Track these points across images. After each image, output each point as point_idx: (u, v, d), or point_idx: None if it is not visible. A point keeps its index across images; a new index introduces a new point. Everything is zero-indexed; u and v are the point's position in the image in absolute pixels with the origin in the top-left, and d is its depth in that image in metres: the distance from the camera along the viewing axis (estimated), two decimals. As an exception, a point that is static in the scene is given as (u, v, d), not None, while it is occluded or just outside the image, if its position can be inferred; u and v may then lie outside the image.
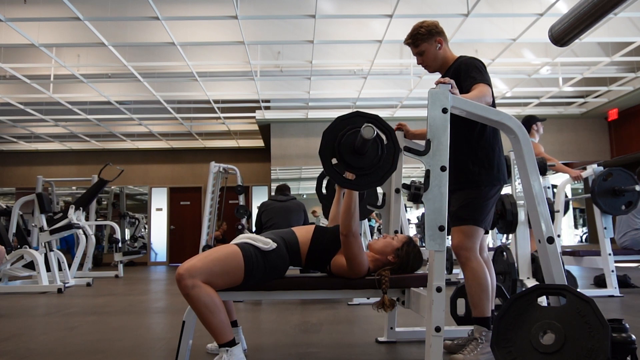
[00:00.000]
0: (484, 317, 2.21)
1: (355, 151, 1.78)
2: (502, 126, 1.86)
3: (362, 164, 1.79)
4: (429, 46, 2.38)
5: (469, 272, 2.24)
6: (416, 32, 2.39)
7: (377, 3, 5.63)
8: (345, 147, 1.79)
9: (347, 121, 1.83)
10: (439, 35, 2.39)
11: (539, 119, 4.71)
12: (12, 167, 12.04)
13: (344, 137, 1.80)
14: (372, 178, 1.82)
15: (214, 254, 2.00)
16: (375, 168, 1.80)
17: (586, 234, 11.87)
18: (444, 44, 2.40)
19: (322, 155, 1.81)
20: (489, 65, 7.08)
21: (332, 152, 1.80)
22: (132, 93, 8.35)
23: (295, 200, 4.99)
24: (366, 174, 1.80)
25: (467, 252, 2.24)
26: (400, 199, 2.72)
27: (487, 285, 2.22)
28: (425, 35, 2.37)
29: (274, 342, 2.79)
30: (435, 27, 2.39)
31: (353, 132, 1.79)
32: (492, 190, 2.29)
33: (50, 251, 5.91)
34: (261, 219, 4.85)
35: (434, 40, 2.38)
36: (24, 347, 2.71)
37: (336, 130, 1.82)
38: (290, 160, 9.87)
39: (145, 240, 12.01)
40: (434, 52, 2.39)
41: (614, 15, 5.50)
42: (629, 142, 9.26)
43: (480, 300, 2.21)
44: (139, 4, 5.33)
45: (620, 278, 4.61)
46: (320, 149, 1.81)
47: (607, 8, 3.58)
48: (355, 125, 1.80)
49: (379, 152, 1.79)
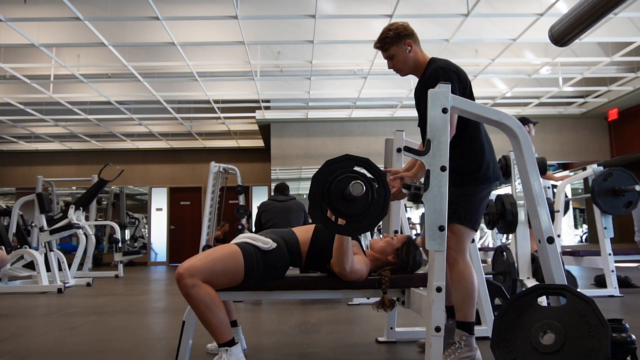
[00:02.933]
0: (466, 321, 2.10)
1: (345, 198, 1.76)
2: (502, 126, 1.86)
3: (352, 211, 1.77)
4: (398, 50, 2.28)
5: (455, 273, 2.13)
6: (384, 35, 2.30)
7: (377, 3, 5.63)
8: (334, 194, 1.76)
9: (336, 165, 1.79)
10: (409, 38, 2.28)
11: (531, 121, 4.70)
12: (12, 167, 12.04)
13: (333, 183, 1.76)
14: (362, 224, 1.80)
15: (214, 254, 2.00)
16: (365, 214, 1.78)
17: (586, 234, 11.87)
18: (414, 46, 2.29)
19: (312, 200, 1.79)
20: (489, 65, 7.10)
21: (322, 197, 1.78)
22: (132, 93, 8.35)
23: (295, 200, 4.98)
24: (356, 220, 1.79)
25: (455, 252, 2.13)
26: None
27: (472, 290, 2.12)
28: (394, 39, 2.27)
29: (273, 342, 2.79)
30: (405, 30, 2.28)
31: (343, 177, 1.76)
32: (482, 188, 2.20)
33: (50, 251, 5.91)
34: (261, 219, 4.83)
35: (403, 43, 2.27)
36: (24, 347, 2.71)
37: (325, 174, 1.78)
38: (290, 160, 9.87)
39: (145, 240, 12.01)
40: (404, 55, 2.29)
41: (614, 15, 5.50)
42: (629, 142, 9.26)
43: (464, 303, 2.11)
44: (139, 4, 5.32)
45: (621, 278, 4.61)
46: (310, 194, 1.79)
47: (607, 8, 3.58)
48: (344, 169, 1.78)
49: (369, 198, 1.77)
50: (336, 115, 9.62)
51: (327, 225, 1.84)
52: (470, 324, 2.10)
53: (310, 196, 1.79)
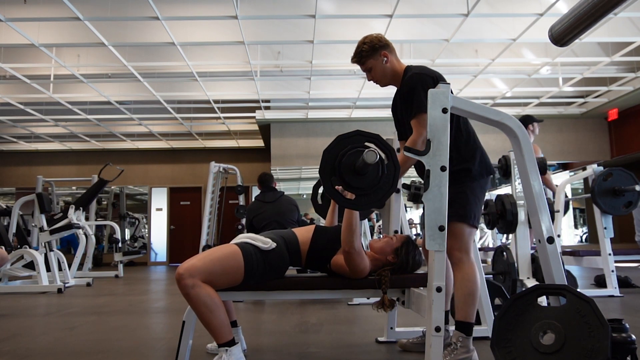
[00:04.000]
0: (465, 321, 2.09)
1: (356, 171, 1.76)
2: (502, 126, 1.86)
3: (362, 184, 1.78)
4: (375, 62, 2.30)
5: (460, 273, 2.13)
6: (360, 49, 2.32)
7: (377, 3, 5.63)
8: (345, 167, 1.77)
9: (348, 140, 1.81)
10: (384, 49, 2.29)
11: (535, 119, 4.70)
12: (12, 167, 12.04)
13: (344, 157, 1.78)
14: (372, 198, 1.80)
15: (213, 254, 2.00)
16: (375, 188, 1.79)
17: (586, 234, 11.87)
18: (390, 56, 2.30)
19: (322, 174, 1.79)
20: (489, 65, 7.10)
21: (332, 171, 1.79)
22: (132, 93, 8.35)
23: (284, 196, 4.73)
24: (366, 194, 1.79)
25: (459, 252, 2.13)
26: (400, 199, 2.72)
27: (475, 290, 2.11)
28: (369, 52, 2.29)
29: (273, 342, 2.79)
30: (379, 42, 2.29)
31: (354, 152, 1.77)
32: (477, 184, 2.19)
33: (50, 251, 5.91)
34: (253, 225, 4.56)
35: (379, 55, 2.29)
36: (24, 347, 2.71)
37: (337, 149, 1.80)
38: (290, 160, 9.88)
39: (145, 240, 12.02)
40: (382, 66, 2.30)
41: (614, 15, 5.50)
42: (629, 142, 9.27)
43: (466, 304, 2.10)
44: (139, 4, 5.32)
45: (621, 278, 4.61)
46: (320, 168, 1.79)
47: (607, 8, 3.58)
48: (355, 144, 1.79)
49: (380, 172, 1.78)
50: (336, 115, 9.62)
51: (337, 199, 1.83)
52: (469, 324, 2.10)
53: (320, 170, 1.80)
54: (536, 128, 4.74)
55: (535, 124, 4.70)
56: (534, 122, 4.70)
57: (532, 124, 4.69)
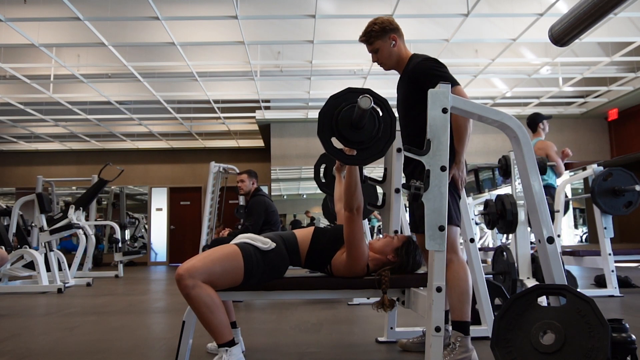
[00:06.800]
0: (462, 320, 2.09)
1: (353, 126, 1.79)
2: (503, 126, 1.86)
3: (361, 137, 1.81)
4: (383, 43, 2.31)
5: (450, 273, 2.11)
6: (370, 29, 2.33)
7: (377, 3, 5.63)
8: (342, 123, 1.80)
9: (341, 99, 1.84)
10: (394, 32, 2.32)
11: (544, 116, 4.74)
12: (12, 167, 12.04)
13: (340, 114, 1.81)
14: (373, 151, 1.84)
15: (213, 254, 2.00)
16: (374, 140, 1.82)
17: (586, 234, 11.87)
18: (398, 40, 2.32)
19: (321, 136, 1.82)
20: (489, 65, 7.10)
21: (331, 131, 1.81)
22: (132, 93, 8.35)
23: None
24: (367, 148, 1.82)
25: (449, 253, 2.09)
26: (400, 199, 2.72)
27: (468, 288, 2.12)
28: (379, 33, 2.31)
29: (273, 342, 2.79)
30: (390, 24, 2.32)
31: (348, 108, 1.80)
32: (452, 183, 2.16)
33: (50, 251, 5.91)
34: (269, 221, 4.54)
35: (387, 38, 2.31)
36: (24, 347, 2.71)
37: (332, 108, 1.83)
38: (290, 160, 9.88)
39: (145, 240, 12.01)
40: (389, 49, 2.32)
41: (614, 15, 5.50)
42: (629, 142, 9.27)
43: (460, 303, 2.10)
44: (139, 4, 5.33)
45: (621, 278, 4.60)
46: (319, 130, 1.82)
47: (607, 8, 3.58)
48: (348, 101, 1.82)
49: (377, 123, 1.81)
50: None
51: (338, 156, 1.86)
52: (466, 323, 2.09)
53: (319, 131, 1.82)
54: (546, 126, 4.78)
55: (545, 122, 4.75)
56: (544, 119, 4.73)
57: (542, 122, 4.73)
